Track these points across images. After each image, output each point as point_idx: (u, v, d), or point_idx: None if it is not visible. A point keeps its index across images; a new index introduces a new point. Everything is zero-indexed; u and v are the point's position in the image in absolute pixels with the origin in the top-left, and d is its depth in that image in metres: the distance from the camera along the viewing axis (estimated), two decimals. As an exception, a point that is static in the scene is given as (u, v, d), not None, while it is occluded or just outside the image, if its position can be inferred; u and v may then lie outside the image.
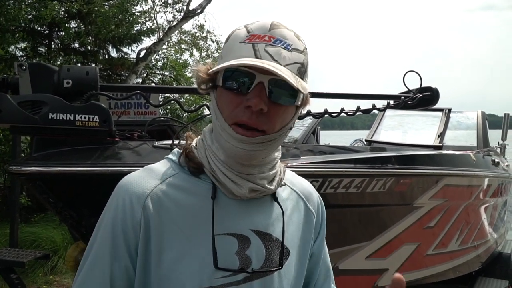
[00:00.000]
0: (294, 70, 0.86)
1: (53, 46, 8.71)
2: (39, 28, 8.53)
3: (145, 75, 10.92)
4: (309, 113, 2.66)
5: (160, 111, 7.20)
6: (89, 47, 9.08)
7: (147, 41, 10.64)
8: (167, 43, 11.20)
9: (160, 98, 6.54)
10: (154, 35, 10.12)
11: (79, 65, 8.02)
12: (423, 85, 3.01)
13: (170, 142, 1.98)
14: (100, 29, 8.12)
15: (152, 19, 10.59)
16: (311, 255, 1.07)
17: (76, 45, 8.98)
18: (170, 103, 9.52)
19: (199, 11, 10.56)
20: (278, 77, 0.83)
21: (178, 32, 11.32)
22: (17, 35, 7.18)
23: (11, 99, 1.78)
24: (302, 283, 1.05)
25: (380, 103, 2.97)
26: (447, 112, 4.37)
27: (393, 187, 2.58)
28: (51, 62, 7.48)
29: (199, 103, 9.63)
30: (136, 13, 9.79)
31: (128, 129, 2.33)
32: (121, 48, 9.75)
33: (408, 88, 3.08)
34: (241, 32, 0.89)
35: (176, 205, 0.91)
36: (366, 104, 2.90)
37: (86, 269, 0.90)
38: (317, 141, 4.86)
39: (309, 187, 1.10)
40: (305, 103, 0.94)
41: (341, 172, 2.33)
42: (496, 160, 4.09)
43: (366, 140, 4.90)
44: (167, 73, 11.51)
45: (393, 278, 0.90)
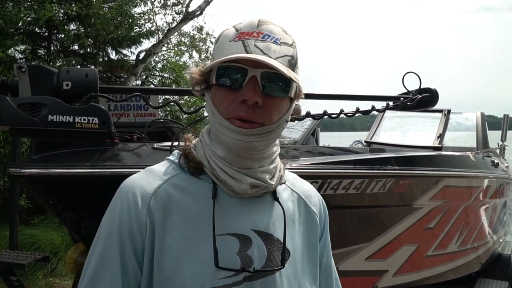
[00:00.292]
0: (284, 62, 0.89)
1: (52, 48, 8.70)
2: (38, 31, 8.52)
3: (144, 77, 10.91)
4: (308, 114, 2.66)
5: (159, 113, 7.20)
6: (88, 49, 9.07)
7: (147, 43, 10.67)
8: (166, 45, 11.20)
9: (159, 100, 6.54)
10: (153, 37, 10.13)
11: (79, 67, 8.03)
12: (422, 86, 3.02)
13: (169, 143, 1.98)
14: (99, 31, 8.12)
15: (151, 21, 10.60)
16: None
17: (76, 47, 8.96)
18: (170, 104, 9.56)
19: (198, 13, 10.57)
20: (271, 69, 0.85)
21: (177, 34, 11.33)
22: (16, 38, 7.17)
23: (10, 101, 1.78)
24: (315, 283, 1.03)
25: (380, 104, 2.98)
26: (447, 113, 4.36)
27: (392, 188, 2.59)
28: (51, 64, 7.47)
29: (198, 104, 9.64)
30: (135, 15, 9.79)
31: (127, 131, 2.33)
32: (121, 50, 9.73)
33: (407, 89, 3.09)
34: (230, 32, 0.92)
35: (178, 205, 0.91)
36: (365, 105, 2.90)
37: (92, 275, 0.89)
38: (317, 142, 4.86)
39: (310, 189, 1.10)
40: (298, 95, 0.96)
41: (340, 173, 2.33)
42: (496, 161, 4.09)
43: (365, 141, 4.89)
44: (166, 75, 11.50)
45: None
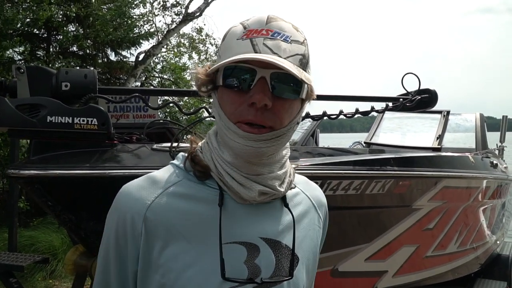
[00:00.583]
0: (295, 62, 0.84)
1: (51, 49, 8.69)
2: (37, 32, 8.52)
3: (144, 78, 10.90)
4: (308, 115, 2.66)
5: (159, 114, 7.19)
6: (87, 51, 9.07)
7: (146, 45, 10.66)
8: (166, 46, 11.20)
9: (159, 101, 6.54)
10: (153, 38, 10.14)
11: (78, 68, 8.02)
12: (421, 87, 3.02)
13: (169, 144, 1.97)
14: (98, 33, 8.11)
15: (150, 22, 10.59)
16: None
17: (75, 48, 8.96)
18: (169, 106, 9.55)
19: (198, 14, 10.58)
20: (281, 69, 0.80)
21: (177, 35, 11.33)
22: (15, 39, 7.16)
23: (9, 102, 1.77)
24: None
25: (379, 105, 2.97)
26: (446, 114, 4.37)
27: (392, 189, 2.58)
28: (50, 65, 7.46)
29: (198, 105, 9.63)
30: (135, 16, 9.79)
31: (126, 132, 2.32)
32: (120, 52, 9.73)
33: (406, 90, 3.08)
34: (238, 29, 0.87)
35: (180, 214, 0.87)
36: (365, 106, 2.90)
37: (99, 280, 0.93)
38: (316, 143, 4.86)
39: (320, 194, 1.07)
40: (310, 96, 0.90)
41: (340, 174, 2.33)
42: (495, 162, 4.09)
43: (365, 142, 4.90)
44: (166, 76, 11.49)
45: None
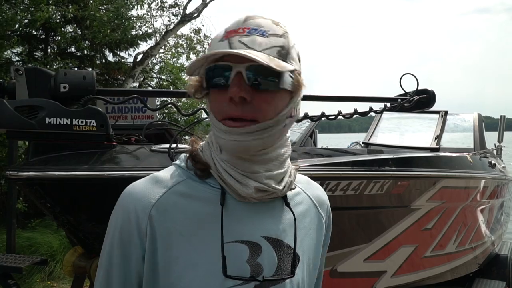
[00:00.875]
0: (273, 53, 0.85)
1: (49, 50, 8.67)
2: (35, 33, 8.50)
3: (142, 79, 10.88)
4: (306, 116, 2.66)
5: (157, 115, 7.18)
6: (85, 52, 9.05)
7: (144, 45, 10.64)
8: (164, 47, 11.19)
9: (157, 102, 6.53)
10: (151, 39, 10.12)
11: (76, 69, 8.01)
12: (419, 88, 3.02)
13: (167, 145, 1.97)
14: (96, 34, 8.10)
15: (148, 23, 10.58)
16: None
17: (73, 49, 8.95)
18: (168, 107, 9.52)
19: (196, 14, 10.57)
20: (250, 59, 0.81)
21: (174, 36, 11.32)
22: (12, 40, 7.15)
23: (7, 104, 1.77)
24: (313, 286, 1.04)
25: (377, 106, 2.98)
26: (444, 115, 4.38)
27: (390, 189, 2.59)
28: (48, 66, 7.44)
29: (196, 106, 9.62)
30: (132, 18, 9.77)
31: (125, 133, 2.32)
32: (118, 53, 9.71)
33: (404, 91, 3.09)
34: (220, 33, 0.91)
35: (183, 213, 0.89)
36: (363, 106, 2.90)
37: (101, 280, 0.92)
38: (315, 144, 4.86)
39: (322, 194, 1.08)
40: (298, 87, 0.91)
41: (338, 175, 2.33)
42: (493, 162, 4.10)
43: (363, 143, 4.91)
44: (164, 77, 11.48)
45: None
